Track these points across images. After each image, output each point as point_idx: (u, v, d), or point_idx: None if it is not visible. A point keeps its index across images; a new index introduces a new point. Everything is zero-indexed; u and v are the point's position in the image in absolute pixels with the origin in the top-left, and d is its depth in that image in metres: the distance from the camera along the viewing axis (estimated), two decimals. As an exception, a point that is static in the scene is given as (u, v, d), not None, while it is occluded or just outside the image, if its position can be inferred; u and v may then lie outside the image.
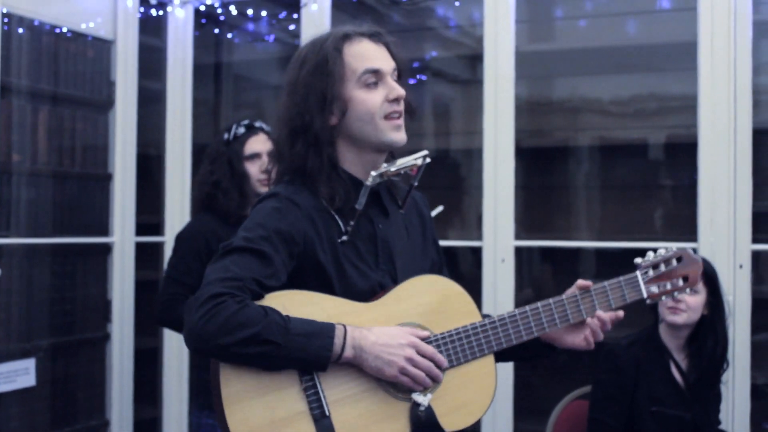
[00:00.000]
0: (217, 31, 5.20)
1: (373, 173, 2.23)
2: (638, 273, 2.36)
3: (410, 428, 2.14)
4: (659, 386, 3.29)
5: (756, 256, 3.88)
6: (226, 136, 3.71)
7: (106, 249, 4.49)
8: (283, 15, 4.93)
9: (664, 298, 2.40)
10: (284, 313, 2.06)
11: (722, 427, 3.51)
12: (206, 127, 5.10)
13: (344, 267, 2.20)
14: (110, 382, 4.48)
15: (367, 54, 2.23)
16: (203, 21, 4.95)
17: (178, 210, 4.67)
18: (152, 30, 4.74)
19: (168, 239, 4.60)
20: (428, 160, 2.28)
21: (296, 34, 4.82)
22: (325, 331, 2.06)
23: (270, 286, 2.10)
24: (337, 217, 2.23)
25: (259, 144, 3.68)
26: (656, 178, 4.64)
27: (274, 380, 2.09)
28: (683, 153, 4.19)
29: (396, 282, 2.26)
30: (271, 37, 5.05)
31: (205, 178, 3.70)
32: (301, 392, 2.09)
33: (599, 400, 3.34)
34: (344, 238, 2.22)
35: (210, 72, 5.28)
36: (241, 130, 3.69)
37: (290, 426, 2.08)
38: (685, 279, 2.40)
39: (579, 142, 4.81)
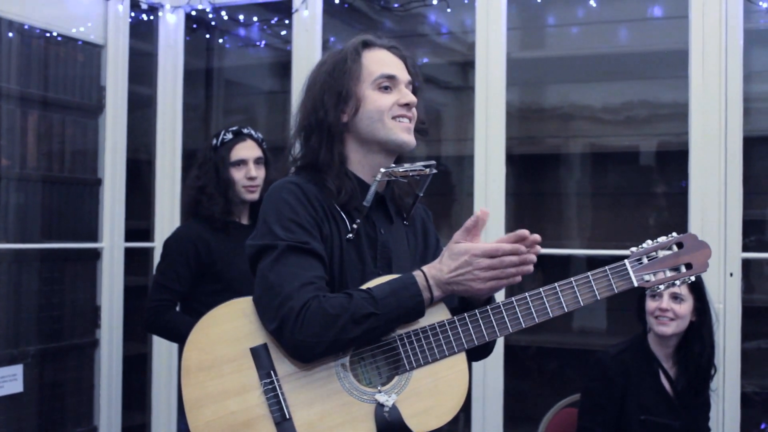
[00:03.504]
0: (208, 36, 5.19)
1: (382, 170, 2.27)
2: (627, 261, 2.21)
3: (376, 430, 2.10)
4: (648, 394, 3.28)
5: (746, 264, 3.89)
6: (214, 141, 3.72)
7: (95, 254, 4.47)
8: (274, 20, 4.92)
9: (662, 287, 2.24)
10: None
11: (712, 434, 3.51)
12: (196, 133, 5.08)
13: (345, 264, 2.23)
14: (99, 388, 4.45)
15: (385, 61, 2.32)
16: (194, 26, 4.94)
17: (167, 215, 4.65)
18: (143, 35, 4.73)
19: (157, 245, 4.57)
20: (435, 170, 2.31)
21: (287, 40, 4.81)
22: (408, 282, 2.13)
23: (327, 278, 2.18)
24: (343, 214, 2.27)
25: (246, 151, 3.67)
26: (647, 185, 4.64)
27: (234, 384, 2.12)
28: (674, 160, 4.19)
29: None
30: (263, 43, 5.04)
31: (192, 184, 3.73)
32: (261, 396, 2.12)
33: (588, 408, 3.34)
34: (350, 236, 2.25)
35: (201, 77, 5.27)
36: (229, 136, 3.69)
37: (251, 429, 2.10)
38: (689, 266, 2.23)
39: (570, 149, 4.80)
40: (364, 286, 2.16)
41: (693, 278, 2.25)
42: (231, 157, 3.66)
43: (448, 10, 4.41)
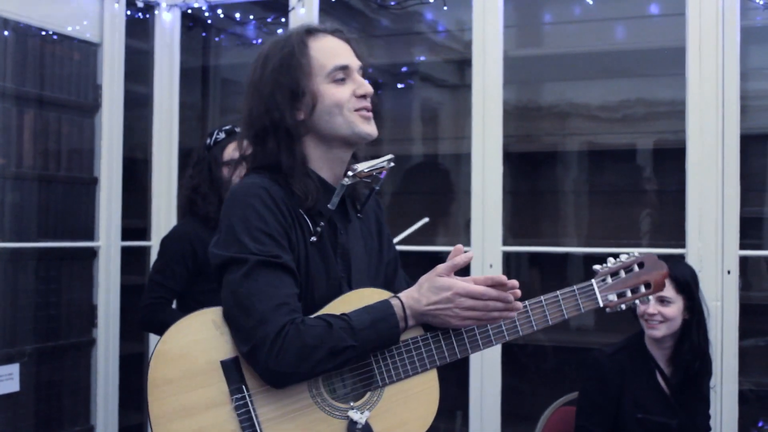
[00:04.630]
0: (204, 34, 5.18)
1: (350, 173, 2.20)
2: (594, 282, 2.29)
3: None
4: (645, 393, 3.27)
5: (744, 261, 3.88)
6: (207, 141, 3.72)
7: (92, 253, 4.46)
8: (270, 18, 4.91)
9: (623, 306, 2.32)
10: None
11: (711, 432, 3.50)
12: (193, 132, 5.07)
13: (310, 268, 2.16)
14: (95, 387, 4.43)
15: (334, 50, 2.22)
16: (190, 24, 4.92)
17: (164, 214, 4.64)
18: (139, 33, 4.71)
19: (154, 244, 4.57)
20: (392, 164, 2.27)
21: (283, 38, 4.80)
22: (386, 311, 2.09)
23: (299, 292, 2.11)
24: (306, 217, 2.19)
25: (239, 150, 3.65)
26: (644, 183, 4.63)
27: (204, 399, 2.05)
28: (671, 158, 4.18)
29: (351, 288, 2.22)
30: (259, 41, 5.03)
31: (187, 183, 3.73)
32: (231, 411, 2.06)
33: (585, 407, 3.33)
34: (313, 239, 2.18)
35: (197, 76, 5.26)
36: (221, 135, 3.69)
37: None
38: (647, 285, 2.33)
39: (567, 147, 4.80)
40: (338, 304, 2.13)
41: (650, 298, 2.34)
42: (223, 156, 3.65)
43: (445, 8, 4.40)
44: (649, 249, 4.12)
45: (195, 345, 2.08)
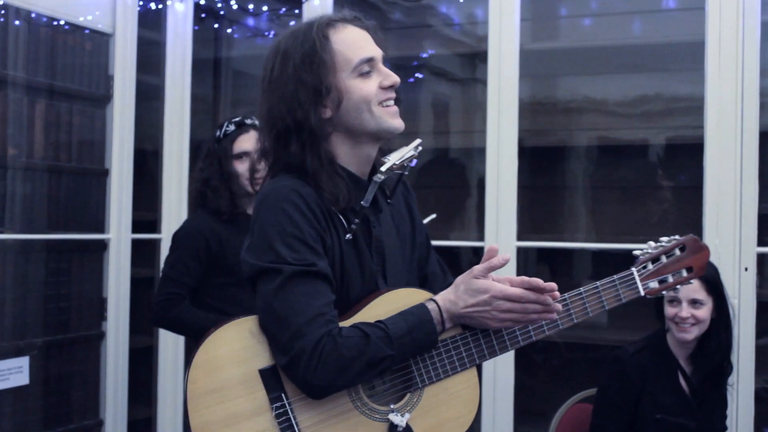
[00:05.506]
0: (216, 25, 5.15)
1: (382, 169, 2.16)
2: (634, 270, 2.25)
3: None
4: (665, 394, 3.23)
5: (761, 258, 3.84)
6: (217, 133, 3.67)
7: (102, 246, 4.42)
8: (283, 10, 4.88)
9: (665, 292, 2.28)
10: None
11: (727, 432, 3.47)
12: (204, 124, 5.04)
13: (346, 266, 2.14)
14: (105, 381, 4.40)
15: (357, 42, 2.15)
16: (203, 15, 4.90)
17: (175, 207, 4.61)
18: (151, 23, 4.68)
19: (165, 236, 4.54)
20: (420, 148, 2.23)
21: (296, 30, 4.76)
22: (423, 317, 2.07)
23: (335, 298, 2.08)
24: (340, 216, 2.15)
25: (249, 142, 3.60)
26: (662, 179, 4.59)
27: (244, 408, 2.05)
28: (689, 154, 4.15)
29: (386, 281, 2.21)
30: (272, 33, 5.00)
31: (198, 176, 3.69)
32: (272, 420, 2.05)
33: (603, 406, 3.29)
34: (348, 236, 2.15)
35: (209, 67, 5.23)
36: (231, 127, 3.64)
37: None
38: (689, 269, 2.28)
39: (583, 141, 4.77)
40: (375, 306, 2.11)
41: (693, 282, 2.29)
42: (234, 149, 3.61)
43: (460, 0, 4.36)
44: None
45: (233, 355, 2.07)
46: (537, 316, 2.10)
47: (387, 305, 2.12)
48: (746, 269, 3.72)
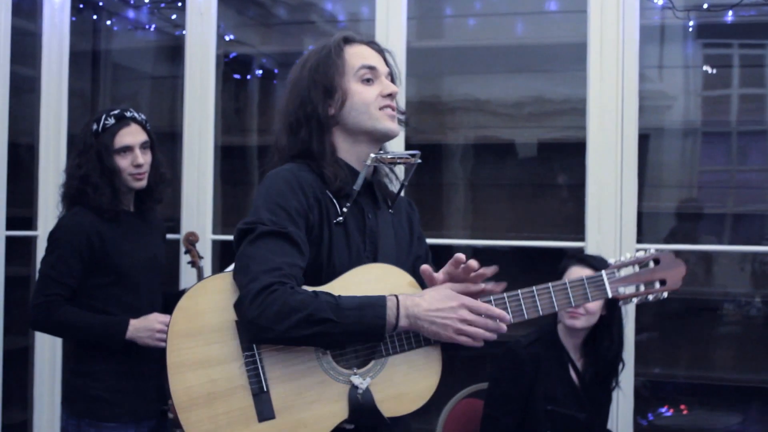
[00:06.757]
0: (95, 17, 5.00)
1: (372, 155, 2.38)
2: (604, 273, 2.37)
3: (348, 410, 2.20)
4: (556, 386, 3.30)
5: (641, 255, 3.95)
6: (94, 126, 3.49)
7: (-26, 243, 4.24)
8: (164, 4, 4.78)
9: (635, 300, 2.42)
10: None
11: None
12: (82, 118, 4.85)
13: (333, 248, 2.30)
14: (-24, 384, 4.22)
15: (365, 54, 2.44)
16: (81, 6, 4.75)
17: (51, 203, 4.43)
18: (26, 13, 4.51)
19: (41, 233, 4.41)
20: (419, 160, 2.41)
21: (178, 24, 4.69)
22: (377, 302, 2.17)
23: (303, 266, 2.23)
24: (334, 199, 2.34)
25: (131, 136, 3.49)
26: (545, 177, 4.69)
27: (217, 354, 2.21)
28: (571, 154, 4.25)
29: None
30: (152, 26, 4.89)
31: (73, 172, 3.50)
32: (242, 367, 2.21)
33: (496, 397, 3.34)
34: (340, 219, 2.33)
35: (87, 60, 5.06)
36: (111, 121, 3.47)
37: (229, 398, 2.19)
38: (663, 282, 2.41)
39: (467, 140, 4.82)
40: (360, 272, 2.27)
41: (665, 294, 2.41)
42: (115, 143, 3.46)
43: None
44: (549, 242, 4.17)
45: (214, 303, 2.24)
46: (488, 334, 2.20)
47: (370, 275, 2.28)
48: (626, 266, 3.83)
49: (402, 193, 2.54)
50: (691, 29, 4.35)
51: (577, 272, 3.31)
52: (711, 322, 4.53)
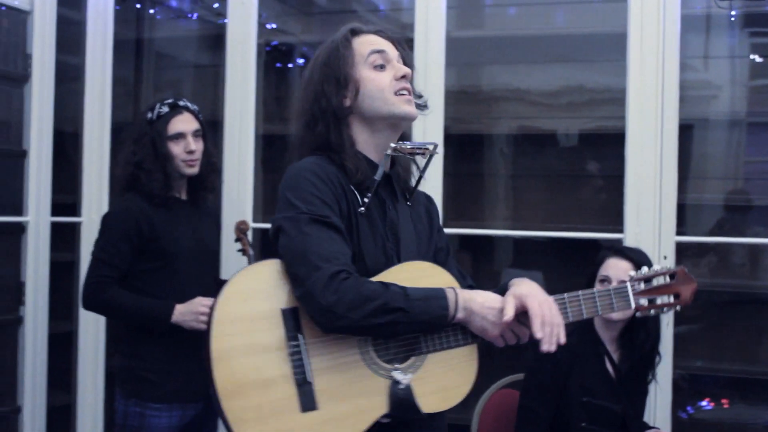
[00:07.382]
0: (138, 6, 5.05)
1: (392, 145, 2.37)
2: (628, 284, 2.47)
3: (388, 404, 2.23)
4: (592, 377, 3.29)
5: (680, 247, 3.94)
6: (149, 115, 3.62)
7: (20, 228, 4.31)
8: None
9: (652, 312, 2.52)
10: None
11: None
12: (125, 106, 4.95)
13: (360, 238, 2.32)
14: (23, 367, 4.29)
15: (373, 41, 2.44)
16: (125, -5, 4.81)
17: (95, 190, 4.53)
18: (71, 2, 4.56)
19: (85, 220, 4.47)
20: (438, 151, 2.42)
21: (220, 13, 4.72)
22: (438, 294, 2.23)
23: (351, 254, 2.25)
24: (355, 191, 2.35)
25: (183, 123, 3.60)
26: (583, 168, 4.66)
27: (263, 342, 2.21)
28: (610, 144, 4.22)
29: (399, 260, 2.36)
30: (195, 15, 4.93)
31: (129, 159, 3.62)
32: (287, 357, 2.21)
33: (532, 388, 3.34)
34: (362, 209, 2.34)
35: (131, 49, 5.12)
36: (165, 109, 3.60)
37: (274, 387, 2.19)
38: (677, 296, 2.51)
39: (507, 130, 4.80)
40: (396, 271, 2.29)
41: (679, 308, 2.54)
42: (168, 130, 3.58)
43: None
44: (588, 234, 4.15)
45: (261, 290, 2.25)
46: (526, 338, 2.36)
47: (406, 273, 2.30)
48: (665, 257, 3.81)
49: (420, 187, 2.55)
50: (733, 18, 4.29)
51: (614, 264, 3.31)
52: (756, 316, 4.48)
